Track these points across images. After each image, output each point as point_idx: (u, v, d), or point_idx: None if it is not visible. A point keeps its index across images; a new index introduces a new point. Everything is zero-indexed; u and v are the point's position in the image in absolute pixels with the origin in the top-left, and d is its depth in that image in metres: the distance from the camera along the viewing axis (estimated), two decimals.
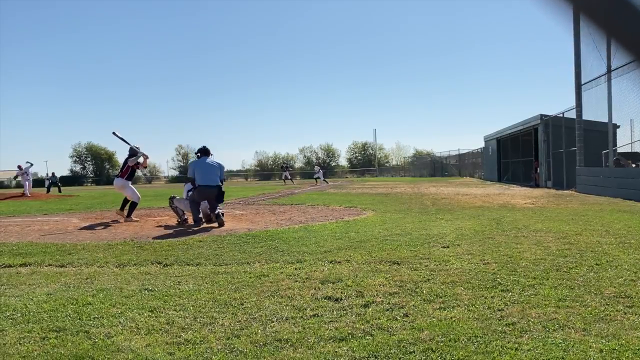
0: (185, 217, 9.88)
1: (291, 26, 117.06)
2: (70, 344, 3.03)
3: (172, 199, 10.19)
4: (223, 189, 9.73)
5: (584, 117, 17.39)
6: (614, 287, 3.98)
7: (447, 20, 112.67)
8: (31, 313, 3.68)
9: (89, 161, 77.18)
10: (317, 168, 40.49)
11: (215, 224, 9.09)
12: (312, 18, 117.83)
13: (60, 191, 32.66)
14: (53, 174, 37.70)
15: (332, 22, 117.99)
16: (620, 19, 0.57)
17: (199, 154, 10.00)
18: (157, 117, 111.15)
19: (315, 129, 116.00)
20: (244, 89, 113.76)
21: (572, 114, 18.04)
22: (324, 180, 37.93)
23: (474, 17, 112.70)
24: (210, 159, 9.85)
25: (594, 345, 2.77)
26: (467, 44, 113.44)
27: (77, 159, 76.90)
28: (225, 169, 10.01)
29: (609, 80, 15.26)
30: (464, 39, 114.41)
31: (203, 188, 9.49)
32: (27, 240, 7.67)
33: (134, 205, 10.95)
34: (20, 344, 3.05)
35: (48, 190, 32.41)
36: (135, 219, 10.66)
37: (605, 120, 15.91)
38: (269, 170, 74.09)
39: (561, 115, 19.46)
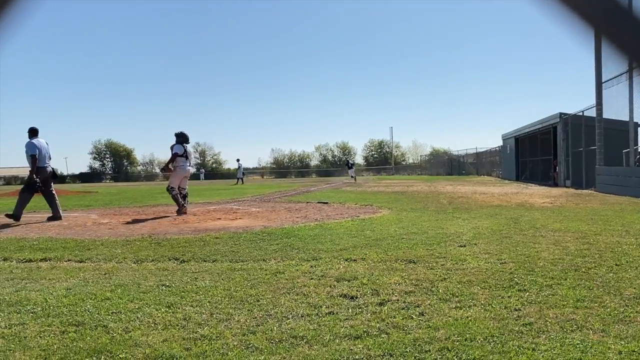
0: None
1: (308, 25, 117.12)
2: (89, 338, 3.07)
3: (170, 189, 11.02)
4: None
5: (605, 116, 17.10)
6: (634, 288, 3.92)
7: (464, 17, 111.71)
8: (51, 307, 3.74)
9: (107, 158, 78.04)
10: (239, 163, 37.74)
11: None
12: (328, 16, 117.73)
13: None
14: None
15: (348, 20, 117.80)
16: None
17: (30, 135, 10.29)
18: (174, 115, 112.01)
19: (331, 127, 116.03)
20: (260, 87, 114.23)
21: (592, 112, 17.75)
22: (240, 178, 36.37)
23: (490, 13, 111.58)
24: (41, 140, 10.44)
25: (613, 346, 2.73)
26: (484, 41, 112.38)
27: (97, 156, 77.85)
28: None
29: (631, 77, 14.98)
30: (481, 36, 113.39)
31: (43, 169, 10.26)
32: (47, 235, 7.80)
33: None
34: (40, 337, 3.11)
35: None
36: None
37: (626, 118, 15.63)
38: (285, 168, 74.22)
39: (581, 113, 19.17)
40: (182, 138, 11.07)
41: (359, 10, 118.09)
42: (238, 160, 38.16)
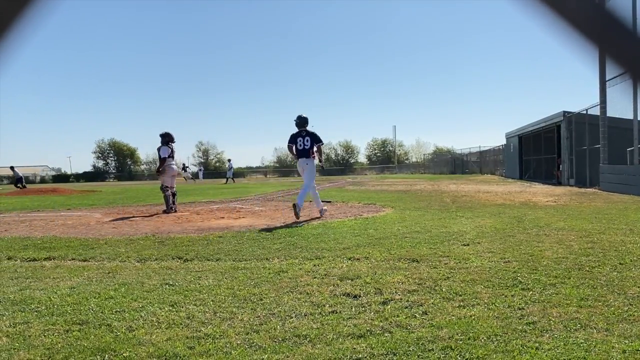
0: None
1: (311, 24, 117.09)
2: (92, 336, 3.08)
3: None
4: None
5: (609, 114, 17.02)
6: (638, 286, 3.91)
7: (466, 15, 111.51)
8: (55, 306, 3.76)
9: (111, 157, 78.15)
10: (229, 164, 38.17)
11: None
12: (330, 16, 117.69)
13: (17, 187, 28.76)
14: (12, 168, 32.24)
15: (350, 19, 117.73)
16: None
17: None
18: (178, 114, 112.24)
19: (334, 125, 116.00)
20: (263, 86, 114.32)
21: (596, 111, 17.68)
22: (230, 177, 36.78)
23: (493, 11, 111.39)
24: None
25: (617, 345, 2.73)
26: (488, 39, 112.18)
27: (100, 155, 77.94)
28: None
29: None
30: (484, 34, 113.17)
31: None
32: (51, 234, 7.82)
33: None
34: (44, 336, 3.12)
35: (20, 187, 29.06)
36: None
37: (631, 116, 15.56)
38: (288, 167, 74.20)
39: (585, 111, 19.10)
40: (167, 138, 11.58)
41: (361, 9, 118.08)
42: (229, 160, 39.59)
